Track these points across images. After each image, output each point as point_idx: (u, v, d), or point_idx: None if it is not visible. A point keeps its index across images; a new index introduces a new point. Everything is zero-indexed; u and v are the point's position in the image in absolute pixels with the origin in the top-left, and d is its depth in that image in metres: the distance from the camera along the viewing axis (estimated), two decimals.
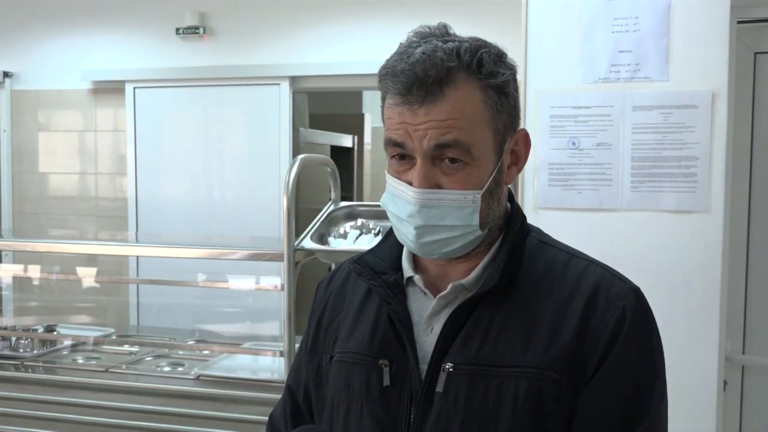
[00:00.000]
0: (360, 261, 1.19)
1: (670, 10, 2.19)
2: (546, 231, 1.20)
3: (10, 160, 5.06)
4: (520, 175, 2.36)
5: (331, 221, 2.78)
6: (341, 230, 2.77)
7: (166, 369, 3.05)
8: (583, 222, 2.25)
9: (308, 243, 2.62)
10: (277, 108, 4.53)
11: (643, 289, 1.13)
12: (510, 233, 1.13)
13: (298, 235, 2.58)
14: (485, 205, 1.08)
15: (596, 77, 2.27)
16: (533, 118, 2.33)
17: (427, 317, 1.13)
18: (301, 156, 2.53)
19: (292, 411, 1.29)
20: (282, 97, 4.52)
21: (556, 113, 2.30)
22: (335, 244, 2.72)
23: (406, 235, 1.10)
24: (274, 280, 2.76)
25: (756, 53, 2.61)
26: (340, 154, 5.45)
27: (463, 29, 1.13)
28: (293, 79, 4.50)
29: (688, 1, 2.18)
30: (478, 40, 1.09)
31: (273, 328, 3.23)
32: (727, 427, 2.43)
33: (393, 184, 1.10)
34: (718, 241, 2.17)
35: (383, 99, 1.11)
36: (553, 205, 2.29)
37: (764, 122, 2.62)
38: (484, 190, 1.07)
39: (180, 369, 3.04)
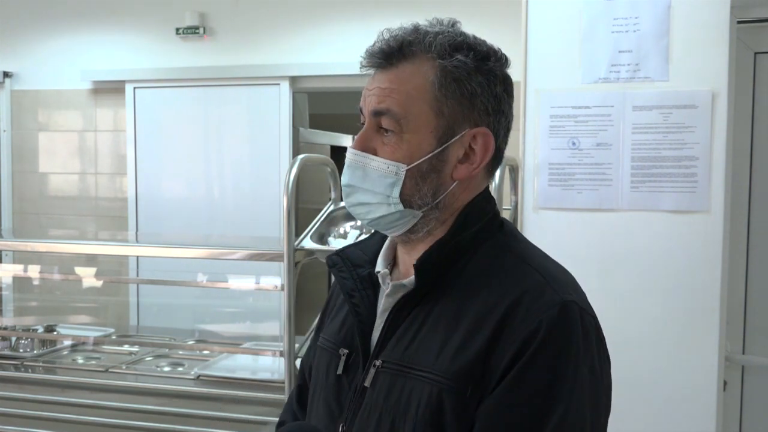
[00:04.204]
0: (341, 252, 1.23)
1: (670, 10, 2.19)
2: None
3: (10, 160, 5.06)
4: (520, 174, 2.36)
5: (331, 221, 2.78)
6: (341, 230, 2.77)
7: (166, 369, 3.04)
8: (583, 222, 2.25)
9: (308, 243, 2.62)
10: (277, 108, 4.53)
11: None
12: (457, 233, 1.10)
13: (298, 235, 2.58)
14: (412, 183, 1.08)
15: (596, 77, 2.27)
16: (533, 118, 2.33)
17: (380, 313, 1.15)
18: (301, 156, 2.53)
19: (299, 385, 1.36)
20: (282, 97, 4.52)
21: (556, 113, 2.30)
22: (335, 244, 2.71)
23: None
24: (274, 280, 2.75)
25: (756, 53, 2.61)
26: (340, 154, 5.42)
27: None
28: (293, 79, 4.50)
29: (688, 1, 2.18)
30: (462, 33, 1.11)
31: (273, 328, 3.24)
32: (727, 427, 2.43)
33: None
34: (718, 241, 2.17)
35: None
36: (553, 205, 2.28)
37: (764, 122, 2.62)
38: (411, 166, 1.08)
39: (180, 369, 3.03)
